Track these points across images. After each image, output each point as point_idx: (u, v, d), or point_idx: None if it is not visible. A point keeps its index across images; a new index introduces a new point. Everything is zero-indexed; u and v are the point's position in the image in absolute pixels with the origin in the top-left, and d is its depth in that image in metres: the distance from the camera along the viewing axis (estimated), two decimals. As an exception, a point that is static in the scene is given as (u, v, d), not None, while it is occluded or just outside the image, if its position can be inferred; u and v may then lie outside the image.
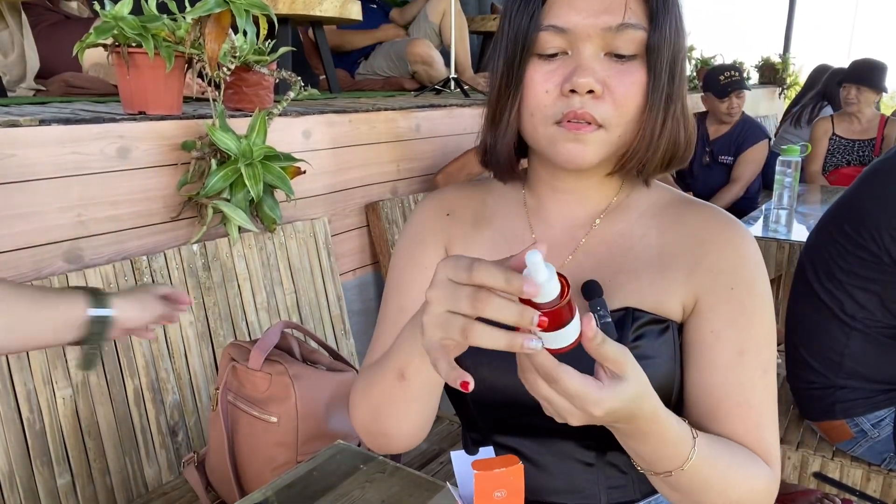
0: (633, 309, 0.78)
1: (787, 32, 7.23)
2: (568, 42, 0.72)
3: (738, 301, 0.77)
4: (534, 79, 0.74)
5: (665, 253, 0.80)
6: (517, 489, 0.66)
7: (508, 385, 0.80)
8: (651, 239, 0.82)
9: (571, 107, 0.71)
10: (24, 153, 1.37)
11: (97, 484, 1.42)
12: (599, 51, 0.72)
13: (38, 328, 0.85)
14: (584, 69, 0.71)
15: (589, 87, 0.70)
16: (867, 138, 3.79)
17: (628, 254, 0.82)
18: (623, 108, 0.72)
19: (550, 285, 0.52)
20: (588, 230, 0.84)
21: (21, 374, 1.32)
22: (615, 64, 0.72)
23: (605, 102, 0.72)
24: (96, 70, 2.33)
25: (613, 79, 0.72)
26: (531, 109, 0.75)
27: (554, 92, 0.73)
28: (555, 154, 0.75)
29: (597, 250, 0.83)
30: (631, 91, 0.72)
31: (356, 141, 2.17)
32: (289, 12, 2.38)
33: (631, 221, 0.83)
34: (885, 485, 1.62)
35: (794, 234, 2.46)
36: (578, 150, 0.73)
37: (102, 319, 0.90)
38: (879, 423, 1.59)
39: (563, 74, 0.72)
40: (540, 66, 0.73)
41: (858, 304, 1.56)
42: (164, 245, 1.63)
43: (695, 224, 0.81)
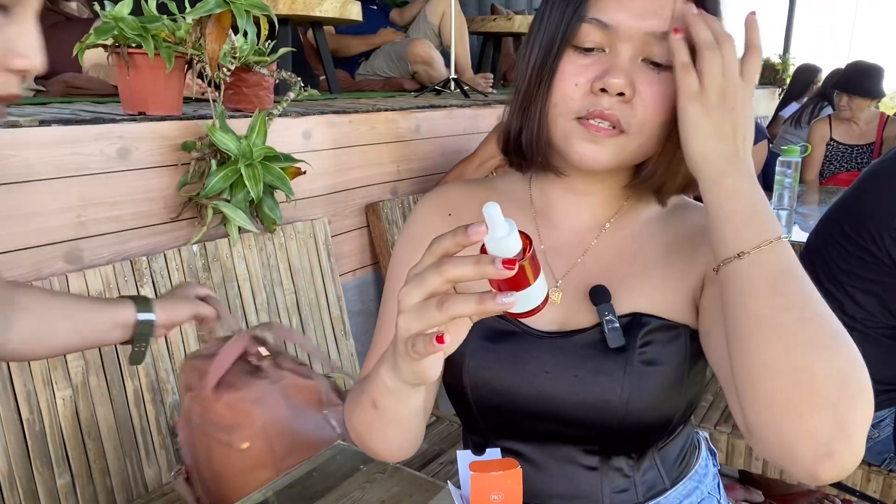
0: (642, 314, 0.78)
1: (787, 33, 7.23)
2: (608, 39, 0.71)
3: None
4: (566, 70, 0.72)
5: (671, 250, 0.80)
6: (515, 493, 0.66)
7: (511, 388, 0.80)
8: (659, 241, 0.82)
9: (598, 105, 0.70)
10: (24, 154, 1.37)
11: (97, 484, 1.42)
12: (638, 54, 0.70)
13: (97, 329, 1.01)
14: (619, 70, 0.69)
15: (620, 89, 0.69)
16: (866, 143, 3.72)
17: (637, 257, 0.81)
18: (649, 117, 0.71)
19: (510, 240, 0.50)
20: (598, 233, 0.83)
21: (21, 374, 1.32)
22: (650, 71, 0.70)
23: (632, 107, 0.70)
24: (96, 71, 2.33)
25: (645, 85, 0.70)
26: (556, 100, 0.73)
27: (584, 87, 0.71)
28: (568, 151, 0.73)
29: (606, 254, 0.82)
30: (660, 102, 0.70)
31: (356, 141, 2.17)
32: (289, 13, 2.38)
33: (640, 224, 0.83)
34: (885, 485, 1.62)
35: (794, 234, 2.46)
36: (593, 150, 0.72)
37: (147, 322, 1.04)
38: (879, 423, 1.59)
39: (596, 71, 0.70)
40: (575, 59, 0.72)
41: (858, 304, 1.56)
42: (164, 246, 1.63)
43: (699, 217, 0.81)
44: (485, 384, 0.81)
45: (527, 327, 0.81)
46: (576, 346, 0.79)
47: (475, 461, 0.67)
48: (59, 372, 1.37)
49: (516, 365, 0.80)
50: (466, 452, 0.75)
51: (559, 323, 0.81)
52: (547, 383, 0.78)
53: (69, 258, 1.46)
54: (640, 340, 0.76)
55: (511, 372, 0.79)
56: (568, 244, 0.83)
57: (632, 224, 0.83)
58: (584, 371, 0.77)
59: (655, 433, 0.82)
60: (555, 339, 0.80)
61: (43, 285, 1.36)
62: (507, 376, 0.80)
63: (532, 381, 0.79)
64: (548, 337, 0.80)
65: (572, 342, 0.79)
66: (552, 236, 0.84)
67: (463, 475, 0.79)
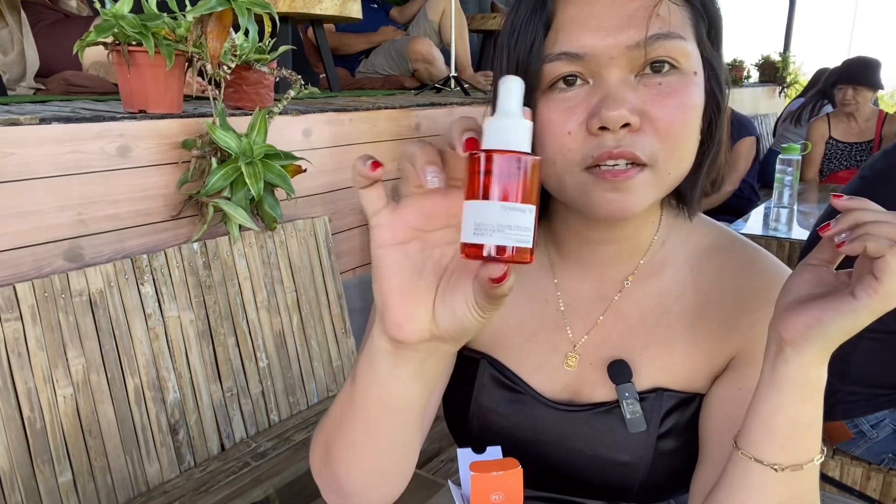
0: (663, 389, 0.71)
1: (788, 31, 7.22)
2: (587, 69, 0.59)
3: None
4: (551, 119, 0.59)
5: (701, 318, 0.71)
6: (516, 493, 0.65)
7: (521, 457, 0.72)
8: (687, 300, 0.72)
9: (604, 147, 0.57)
10: (24, 152, 1.37)
11: (98, 482, 1.42)
12: (628, 73, 0.58)
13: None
14: (613, 99, 0.57)
15: (623, 121, 0.56)
16: (865, 140, 3.74)
17: (661, 320, 0.72)
18: (671, 139, 0.58)
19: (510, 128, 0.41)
20: (620, 289, 0.73)
21: (22, 372, 1.32)
22: (652, 85, 0.58)
23: (645, 135, 0.58)
24: (96, 68, 2.32)
25: (652, 104, 0.58)
26: (551, 156, 0.60)
27: (579, 132, 0.59)
28: (590, 207, 0.61)
29: (628, 315, 0.73)
30: (677, 116, 0.58)
31: (356, 139, 2.17)
32: (289, 11, 2.38)
33: (667, 279, 0.73)
34: (885, 484, 1.62)
35: (795, 232, 2.46)
36: (619, 200, 0.59)
37: None
38: (878, 423, 1.59)
39: (586, 109, 0.58)
40: (556, 103, 0.59)
41: None
42: (164, 244, 1.63)
43: (737, 280, 0.70)
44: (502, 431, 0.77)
45: (536, 394, 0.75)
46: (592, 422, 0.73)
47: (476, 461, 0.67)
48: (60, 370, 1.37)
49: (527, 434, 0.75)
50: (467, 451, 0.75)
51: (572, 392, 0.75)
52: (562, 456, 0.74)
53: (69, 256, 1.46)
54: (662, 419, 0.71)
55: (520, 441, 0.75)
56: (587, 302, 0.74)
57: (659, 276, 0.73)
58: (601, 448, 0.73)
59: (676, 496, 0.79)
60: (569, 412, 0.74)
61: (43, 283, 1.36)
62: (517, 444, 0.75)
63: (542, 453, 0.75)
64: (563, 409, 0.74)
65: (588, 418, 0.73)
66: (570, 293, 0.75)
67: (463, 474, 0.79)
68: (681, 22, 0.59)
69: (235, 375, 1.70)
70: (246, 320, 1.74)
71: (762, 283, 0.69)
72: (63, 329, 1.39)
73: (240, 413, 1.70)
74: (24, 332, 1.33)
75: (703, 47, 0.61)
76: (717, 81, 0.63)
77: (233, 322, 1.71)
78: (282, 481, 1.49)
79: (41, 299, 1.36)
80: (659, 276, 0.73)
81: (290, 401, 1.83)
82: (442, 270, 0.48)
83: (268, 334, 1.79)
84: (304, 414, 1.83)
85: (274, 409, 1.78)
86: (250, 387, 1.73)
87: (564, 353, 0.75)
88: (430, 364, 0.52)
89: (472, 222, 0.40)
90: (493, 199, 0.40)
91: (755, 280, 0.70)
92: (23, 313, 1.33)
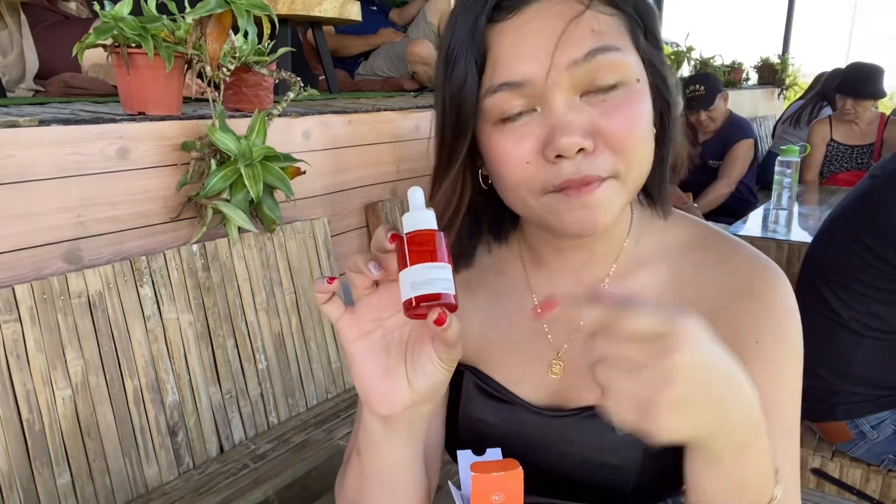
0: None
1: (787, 33, 7.23)
2: (531, 98, 0.59)
3: (764, 356, 0.67)
4: (507, 151, 0.60)
5: None
6: (516, 494, 0.65)
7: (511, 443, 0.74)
8: (666, 300, 0.71)
9: (564, 175, 0.58)
10: (23, 154, 1.37)
11: (97, 484, 1.42)
12: (574, 95, 0.59)
13: None
14: (564, 126, 0.57)
15: (578, 147, 0.57)
16: (866, 143, 3.73)
17: None
18: (627, 151, 0.59)
19: (422, 215, 0.54)
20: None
21: (20, 374, 1.32)
22: (598, 103, 0.59)
23: (601, 154, 0.59)
24: (96, 70, 2.32)
25: (601, 122, 0.58)
26: (513, 185, 0.61)
27: (536, 161, 0.59)
28: (559, 225, 0.62)
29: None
30: (628, 129, 0.59)
31: (356, 141, 2.17)
32: (288, 13, 2.38)
33: (644, 279, 0.72)
34: (885, 485, 1.62)
35: (794, 234, 2.46)
36: (589, 215, 0.60)
37: None
38: (879, 424, 1.59)
39: (539, 137, 0.59)
40: (506, 135, 0.60)
41: (876, 315, 1.55)
42: (163, 245, 1.63)
43: (714, 276, 0.70)
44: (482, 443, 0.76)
45: (523, 402, 0.74)
46: (580, 427, 0.72)
47: (476, 461, 0.67)
48: (59, 371, 1.37)
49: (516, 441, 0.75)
50: (467, 452, 0.75)
51: (560, 398, 0.74)
52: (553, 461, 0.74)
53: (69, 258, 1.46)
54: None
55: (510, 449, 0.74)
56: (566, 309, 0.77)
57: (636, 276, 0.73)
58: (590, 452, 0.72)
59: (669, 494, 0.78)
60: (557, 418, 0.73)
61: (42, 285, 1.36)
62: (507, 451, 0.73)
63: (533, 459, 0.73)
64: (550, 415, 0.73)
65: (576, 422, 0.72)
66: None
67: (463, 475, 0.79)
68: (616, 33, 0.60)
69: (234, 377, 1.70)
70: (245, 322, 1.74)
71: (739, 278, 0.69)
72: (62, 331, 1.38)
73: (239, 415, 1.70)
74: (22, 334, 1.33)
75: (643, 51, 0.62)
76: (662, 79, 0.64)
77: (232, 324, 1.71)
78: (281, 483, 1.48)
79: (40, 301, 1.35)
80: (636, 276, 0.72)
81: (290, 402, 1.83)
82: (404, 345, 0.57)
83: (267, 336, 1.79)
84: (303, 416, 1.83)
85: (273, 410, 1.78)
86: (249, 388, 1.73)
87: (548, 360, 0.75)
88: (416, 426, 0.61)
89: (407, 284, 0.51)
90: (416, 265, 0.51)
91: (732, 275, 0.70)
92: (21, 315, 1.33)
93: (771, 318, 0.67)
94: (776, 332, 0.67)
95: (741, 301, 0.68)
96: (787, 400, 0.67)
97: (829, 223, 1.72)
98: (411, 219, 0.53)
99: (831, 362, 1.61)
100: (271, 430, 1.75)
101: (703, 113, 3.66)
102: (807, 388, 1.84)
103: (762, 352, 0.67)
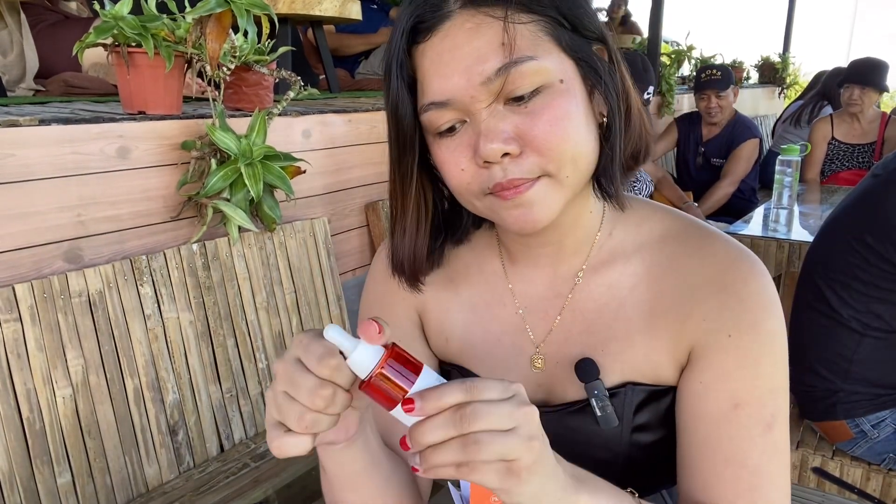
0: (632, 383, 0.71)
1: (787, 32, 7.22)
2: (458, 111, 0.62)
3: (737, 349, 0.67)
4: (446, 160, 0.64)
5: (657, 309, 0.71)
6: None
7: None
8: (641, 292, 0.72)
9: (494, 179, 0.62)
10: (23, 153, 1.37)
11: (97, 483, 1.42)
12: (496, 104, 0.61)
13: None
14: (487, 134, 0.60)
15: (500, 153, 0.60)
16: (867, 142, 3.73)
17: (619, 314, 0.73)
18: (552, 152, 0.61)
19: (361, 356, 0.50)
20: (573, 284, 0.74)
21: (21, 373, 1.32)
22: (520, 109, 0.61)
23: (527, 157, 0.61)
24: (96, 70, 2.32)
25: (525, 127, 0.60)
26: (457, 189, 0.66)
27: (470, 167, 0.63)
28: (503, 224, 0.66)
29: (585, 309, 0.74)
30: (551, 131, 0.60)
31: (356, 140, 2.17)
32: (288, 12, 2.38)
33: (618, 271, 0.73)
34: (885, 484, 1.62)
35: (794, 233, 2.46)
36: (525, 214, 0.63)
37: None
38: (879, 423, 1.59)
39: (469, 146, 0.62)
40: (444, 145, 0.64)
41: (875, 314, 1.55)
42: (163, 245, 1.63)
43: (689, 269, 0.71)
44: None
45: None
46: (565, 422, 0.73)
47: (475, 461, 0.67)
48: (59, 370, 1.37)
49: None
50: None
51: (546, 392, 0.76)
52: None
53: (69, 257, 1.46)
54: (635, 412, 0.71)
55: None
56: (544, 301, 0.76)
57: (610, 269, 0.74)
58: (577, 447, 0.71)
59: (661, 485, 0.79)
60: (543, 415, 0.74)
61: (42, 284, 1.36)
62: None
63: None
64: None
65: (560, 418, 0.73)
66: (526, 294, 0.77)
67: (463, 475, 0.79)
68: (530, 40, 0.61)
69: (235, 376, 1.70)
70: (245, 321, 1.74)
71: (713, 270, 0.70)
72: (62, 330, 1.39)
73: (239, 414, 1.70)
74: (23, 333, 1.33)
75: (569, 49, 0.63)
76: (596, 71, 0.64)
77: (232, 323, 1.71)
78: (281, 482, 1.48)
79: (40, 300, 1.36)
80: (610, 268, 0.73)
81: (290, 402, 1.83)
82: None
83: (267, 335, 1.79)
84: (303, 415, 1.83)
85: (273, 410, 1.78)
86: (249, 388, 1.73)
87: (529, 355, 0.76)
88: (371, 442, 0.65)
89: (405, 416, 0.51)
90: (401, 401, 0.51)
91: (706, 267, 0.70)
92: (22, 314, 1.33)
93: (745, 311, 0.67)
94: (750, 324, 0.67)
95: (716, 293, 0.69)
96: (764, 392, 0.67)
97: (830, 222, 1.72)
98: (363, 357, 0.51)
99: (831, 361, 1.61)
100: (271, 430, 1.75)
101: (714, 98, 3.65)
102: (807, 387, 1.84)
103: (735, 344, 0.67)
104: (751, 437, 0.66)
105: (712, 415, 0.67)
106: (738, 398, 0.67)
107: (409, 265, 0.74)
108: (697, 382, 0.68)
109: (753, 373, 0.67)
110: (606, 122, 0.66)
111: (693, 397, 0.69)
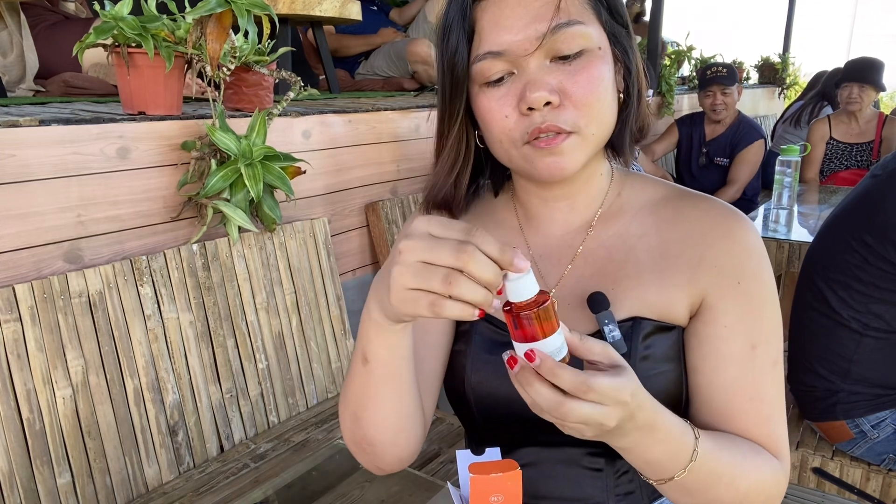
0: (641, 318, 0.77)
1: (787, 32, 7.22)
2: (508, 63, 0.71)
3: (746, 294, 0.75)
4: (489, 108, 0.72)
5: (667, 253, 0.78)
6: (515, 494, 0.65)
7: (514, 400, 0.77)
8: (651, 239, 0.80)
9: (534, 124, 0.70)
10: (23, 153, 1.37)
11: (97, 484, 1.42)
12: (544, 59, 0.70)
13: None
14: (534, 83, 0.69)
15: (544, 101, 0.69)
16: (865, 141, 3.75)
17: (629, 257, 0.79)
18: (587, 109, 0.70)
19: (526, 281, 0.54)
20: (584, 236, 0.82)
21: (21, 374, 1.32)
22: (564, 67, 0.70)
23: (566, 109, 0.70)
24: (96, 70, 2.33)
25: (567, 83, 0.70)
26: (497, 137, 0.74)
27: (513, 115, 0.71)
28: (534, 171, 0.74)
29: (596, 256, 0.81)
30: (588, 89, 0.70)
31: (356, 141, 2.17)
32: (288, 12, 2.38)
33: (627, 221, 0.81)
34: (885, 485, 1.62)
35: (794, 233, 2.46)
36: (557, 162, 0.72)
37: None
38: (879, 423, 1.59)
39: (516, 95, 0.71)
40: (490, 94, 0.72)
41: (875, 314, 1.55)
42: (163, 245, 1.63)
43: (693, 218, 0.79)
44: (488, 396, 0.80)
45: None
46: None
47: (475, 462, 0.67)
48: (59, 371, 1.37)
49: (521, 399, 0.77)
50: (466, 452, 0.75)
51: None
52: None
53: (69, 258, 1.46)
54: (642, 344, 0.76)
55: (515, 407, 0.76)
56: (557, 250, 0.83)
57: (619, 221, 0.82)
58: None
59: None
60: None
61: (42, 284, 1.36)
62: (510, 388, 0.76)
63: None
64: None
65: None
66: (540, 244, 0.84)
67: (462, 475, 0.79)
68: (579, 10, 0.71)
69: (235, 377, 1.70)
70: (245, 322, 1.74)
71: (715, 219, 0.78)
72: (62, 330, 1.39)
73: (239, 414, 1.70)
74: (23, 334, 1.33)
75: (606, 25, 0.73)
76: (623, 49, 0.75)
77: (232, 323, 1.71)
78: (281, 482, 1.48)
79: (40, 300, 1.36)
80: (619, 220, 0.82)
81: (290, 402, 1.83)
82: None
83: (267, 336, 1.79)
84: (303, 415, 1.83)
85: (273, 410, 1.78)
86: (249, 388, 1.73)
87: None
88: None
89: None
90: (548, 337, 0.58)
91: (709, 216, 0.79)
92: (22, 314, 1.33)
93: (749, 259, 0.76)
94: (754, 272, 0.76)
95: (722, 240, 0.77)
96: (770, 334, 0.76)
97: (829, 222, 1.72)
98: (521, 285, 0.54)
99: (831, 361, 1.61)
100: (271, 430, 1.75)
101: (720, 94, 3.65)
102: (807, 387, 1.85)
103: (743, 290, 0.75)
104: (764, 374, 0.75)
105: (736, 355, 0.75)
106: (753, 339, 0.75)
107: (448, 198, 0.81)
108: (722, 327, 0.75)
109: (760, 315, 0.75)
110: (622, 97, 0.76)
111: (717, 340, 0.76)
